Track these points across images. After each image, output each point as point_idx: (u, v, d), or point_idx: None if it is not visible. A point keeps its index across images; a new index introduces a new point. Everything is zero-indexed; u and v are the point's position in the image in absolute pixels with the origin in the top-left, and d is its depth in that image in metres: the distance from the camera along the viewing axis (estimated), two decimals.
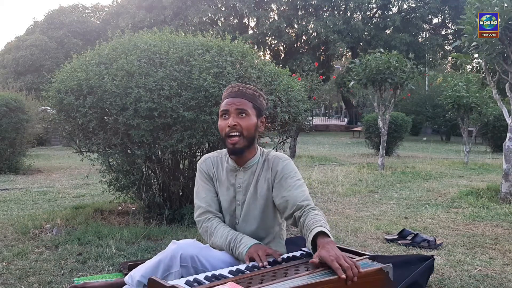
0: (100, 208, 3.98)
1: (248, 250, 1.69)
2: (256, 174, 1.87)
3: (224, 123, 1.80)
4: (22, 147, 7.67)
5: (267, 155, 1.90)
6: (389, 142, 9.54)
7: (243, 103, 1.81)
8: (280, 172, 1.83)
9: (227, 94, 1.86)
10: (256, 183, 1.86)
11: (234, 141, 1.78)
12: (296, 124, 3.77)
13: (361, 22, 23.31)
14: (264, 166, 1.87)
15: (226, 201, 1.89)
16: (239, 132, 1.78)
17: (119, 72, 3.11)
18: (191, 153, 3.53)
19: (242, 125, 1.78)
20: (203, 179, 1.93)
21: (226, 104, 1.82)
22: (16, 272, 2.43)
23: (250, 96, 1.84)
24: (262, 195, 1.85)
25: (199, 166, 1.96)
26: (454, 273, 2.46)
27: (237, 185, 1.87)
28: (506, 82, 4.56)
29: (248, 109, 1.81)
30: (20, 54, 24.04)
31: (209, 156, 1.97)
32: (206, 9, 24.51)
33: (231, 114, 1.79)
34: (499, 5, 4.07)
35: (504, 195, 4.54)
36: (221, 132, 1.82)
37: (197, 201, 1.91)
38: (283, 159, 1.87)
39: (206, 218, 1.87)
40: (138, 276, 1.66)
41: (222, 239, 1.78)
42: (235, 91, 1.85)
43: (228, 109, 1.80)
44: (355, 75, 7.54)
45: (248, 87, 1.88)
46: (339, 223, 3.66)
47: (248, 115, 1.80)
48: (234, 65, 3.28)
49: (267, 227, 1.88)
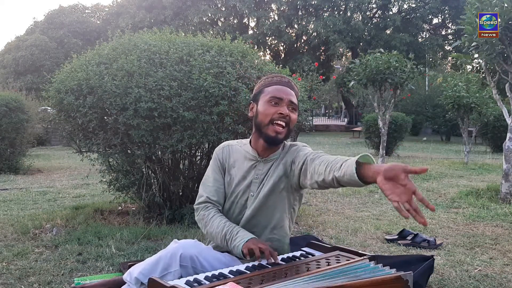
0: (100, 208, 3.98)
1: (245, 243, 1.65)
2: (274, 166, 1.83)
3: (274, 109, 1.73)
4: (22, 147, 7.66)
5: (288, 147, 1.86)
6: (389, 142, 9.53)
7: (295, 96, 1.79)
8: (298, 153, 1.77)
9: (276, 81, 1.81)
10: (272, 175, 1.82)
11: (279, 130, 1.74)
12: (296, 124, 3.77)
13: (361, 22, 23.30)
14: (281, 156, 1.84)
15: (240, 190, 1.84)
16: (286, 123, 1.75)
17: (119, 72, 3.11)
18: (191, 153, 3.53)
19: (291, 118, 1.76)
20: (215, 168, 1.90)
21: (279, 91, 1.76)
22: (16, 272, 2.43)
23: (297, 93, 1.84)
24: (270, 182, 1.80)
25: (215, 153, 1.92)
26: (454, 273, 2.46)
27: (255, 176, 1.83)
28: (506, 82, 4.55)
29: (296, 104, 1.80)
30: (20, 54, 24.04)
31: (228, 144, 1.93)
32: (206, 9, 24.52)
33: (283, 104, 1.75)
34: (499, 5, 4.07)
35: (504, 195, 4.54)
36: (265, 118, 1.75)
37: (202, 189, 1.89)
38: (299, 145, 1.84)
39: (205, 206, 1.85)
40: (136, 273, 1.63)
41: (218, 230, 1.75)
42: (286, 82, 1.80)
43: (282, 98, 1.75)
44: (355, 75, 7.54)
45: (294, 82, 1.85)
46: (339, 223, 3.66)
47: (296, 110, 1.79)
48: (234, 65, 3.28)
49: (272, 219, 1.82)
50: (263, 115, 1.75)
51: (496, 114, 9.73)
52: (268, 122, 1.74)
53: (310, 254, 1.72)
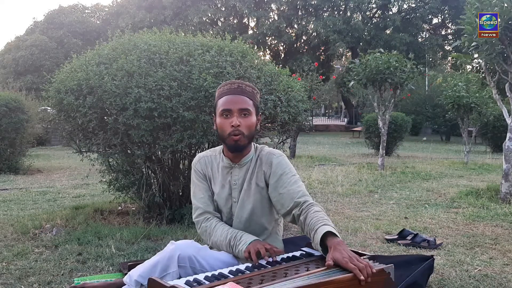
0: (100, 208, 3.98)
1: (247, 246, 1.69)
2: (251, 170, 1.86)
3: (226, 122, 1.77)
4: (22, 147, 7.67)
5: (261, 151, 1.89)
6: (389, 142, 9.54)
7: (245, 101, 1.78)
8: (274, 169, 1.82)
9: (226, 90, 1.81)
10: (250, 179, 1.85)
11: (236, 138, 1.76)
12: (296, 124, 3.77)
13: (361, 22, 23.29)
14: (258, 162, 1.86)
15: (222, 199, 1.88)
16: (242, 132, 1.76)
17: (119, 72, 3.11)
18: (191, 153, 3.53)
19: (244, 124, 1.77)
20: (199, 179, 1.92)
21: (227, 102, 1.78)
22: (16, 272, 2.43)
23: (250, 94, 1.82)
24: (256, 191, 1.84)
25: (194, 167, 1.95)
26: (454, 273, 2.46)
27: (233, 182, 1.87)
28: (506, 82, 4.55)
29: (250, 107, 1.79)
30: (20, 54, 24.04)
31: (203, 156, 1.96)
32: (206, 9, 24.51)
33: (234, 114, 1.76)
34: (499, 5, 4.07)
35: (504, 195, 4.54)
36: (222, 131, 1.79)
37: (195, 202, 1.90)
38: (276, 155, 1.86)
39: (205, 218, 1.86)
40: (136, 276, 1.66)
41: (222, 238, 1.78)
42: (235, 88, 1.81)
43: (231, 109, 1.77)
44: (355, 75, 7.54)
45: (247, 84, 1.85)
46: (339, 223, 3.66)
47: (250, 114, 1.79)
48: (234, 65, 3.28)
49: (262, 224, 1.88)
50: (220, 129, 1.80)
51: (496, 114, 9.73)
52: (226, 135, 1.78)
53: (309, 254, 1.72)
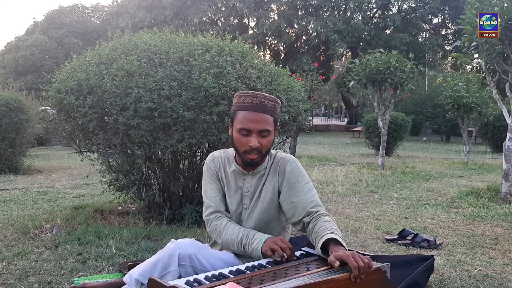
0: (100, 208, 3.99)
1: (264, 243, 1.67)
2: (264, 178, 1.84)
3: (245, 140, 1.72)
4: (22, 147, 7.66)
5: (275, 158, 1.87)
6: (389, 142, 9.53)
7: (266, 121, 1.72)
8: (287, 176, 1.81)
9: (247, 105, 1.73)
10: (262, 187, 1.84)
11: (253, 157, 1.74)
12: (296, 124, 3.77)
13: (361, 22, 23.29)
14: (271, 170, 1.85)
15: (233, 203, 1.87)
16: (260, 151, 1.74)
17: (119, 72, 3.11)
18: (191, 153, 3.53)
19: (264, 144, 1.73)
20: (212, 178, 1.90)
21: (247, 121, 1.71)
22: (16, 272, 2.43)
23: (272, 110, 1.75)
24: (266, 198, 1.83)
25: (207, 165, 1.92)
26: (454, 273, 2.46)
27: (245, 189, 1.85)
28: (506, 82, 4.56)
29: (270, 127, 1.73)
30: (20, 54, 24.04)
31: (218, 156, 1.93)
32: (206, 9, 24.51)
33: (253, 135, 1.71)
34: (499, 5, 4.07)
35: (504, 195, 4.54)
36: (239, 146, 1.75)
37: (207, 200, 1.88)
38: (290, 161, 1.84)
39: (216, 217, 1.85)
40: (136, 275, 1.67)
41: (234, 236, 1.76)
42: (256, 104, 1.72)
43: (251, 129, 1.71)
44: (355, 75, 7.54)
45: (269, 98, 1.75)
46: (339, 223, 3.66)
47: (270, 133, 1.75)
48: (234, 65, 3.28)
49: (270, 230, 1.86)
50: (237, 143, 1.76)
51: (496, 114, 9.74)
52: (242, 151, 1.75)
53: (310, 254, 1.72)
